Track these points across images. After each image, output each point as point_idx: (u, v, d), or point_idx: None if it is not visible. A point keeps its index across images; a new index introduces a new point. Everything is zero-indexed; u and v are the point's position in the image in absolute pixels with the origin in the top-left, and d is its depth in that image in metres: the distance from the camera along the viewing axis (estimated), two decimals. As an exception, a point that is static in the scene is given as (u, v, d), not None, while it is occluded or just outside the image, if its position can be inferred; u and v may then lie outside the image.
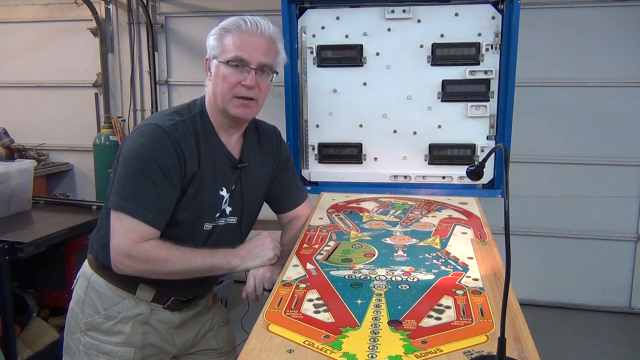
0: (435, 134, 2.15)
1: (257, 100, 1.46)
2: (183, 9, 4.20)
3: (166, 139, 1.37)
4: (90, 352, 1.52)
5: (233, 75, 1.41)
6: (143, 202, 1.35)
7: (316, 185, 2.25)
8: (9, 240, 2.41)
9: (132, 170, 1.37)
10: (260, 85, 1.45)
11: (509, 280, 0.94)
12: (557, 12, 3.64)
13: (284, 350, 0.99)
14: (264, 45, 1.43)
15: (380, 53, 2.12)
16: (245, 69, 1.42)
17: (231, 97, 1.43)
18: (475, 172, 1.45)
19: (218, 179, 1.48)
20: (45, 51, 4.47)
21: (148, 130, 1.39)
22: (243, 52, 1.41)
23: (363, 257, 1.43)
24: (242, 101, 1.44)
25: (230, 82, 1.42)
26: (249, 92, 1.43)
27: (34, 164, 3.14)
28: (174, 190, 1.40)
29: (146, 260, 1.37)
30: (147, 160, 1.36)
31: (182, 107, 1.51)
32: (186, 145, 1.40)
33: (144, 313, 1.52)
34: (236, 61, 1.41)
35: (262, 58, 1.43)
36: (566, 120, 3.73)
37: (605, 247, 3.84)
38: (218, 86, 1.44)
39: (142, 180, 1.36)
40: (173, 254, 1.38)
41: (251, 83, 1.42)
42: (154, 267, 1.38)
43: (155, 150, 1.36)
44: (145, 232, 1.36)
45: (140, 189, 1.36)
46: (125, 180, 1.38)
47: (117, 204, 1.37)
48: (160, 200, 1.38)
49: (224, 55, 1.42)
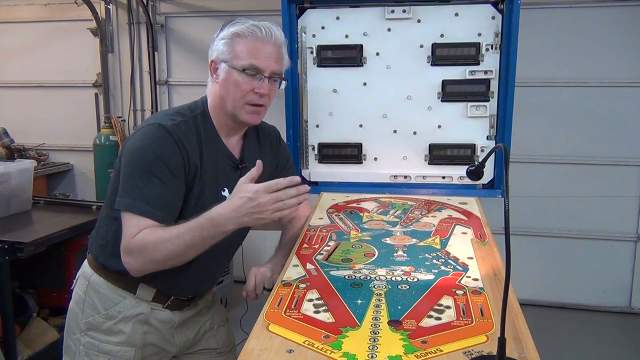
0: (435, 134, 2.15)
1: (265, 107, 1.48)
2: (183, 9, 4.19)
3: (169, 137, 1.37)
4: (90, 352, 1.52)
5: (246, 83, 1.42)
6: (151, 200, 1.35)
7: (316, 185, 2.24)
8: (9, 240, 2.41)
9: (139, 170, 1.37)
10: (270, 93, 1.46)
11: (509, 280, 0.94)
12: (557, 12, 3.64)
13: (284, 350, 0.99)
14: (276, 53, 1.44)
15: (380, 53, 2.12)
16: (259, 77, 1.42)
17: (243, 103, 1.44)
18: (475, 172, 1.45)
19: (220, 180, 1.49)
20: (45, 51, 4.47)
21: (151, 130, 1.39)
22: (258, 61, 1.41)
23: (363, 257, 1.43)
24: (254, 108, 1.45)
25: (243, 89, 1.42)
26: (260, 100, 1.44)
27: (34, 164, 3.14)
28: (181, 187, 1.40)
29: (139, 251, 1.34)
30: (152, 159, 1.36)
31: (183, 108, 1.50)
32: (189, 144, 1.40)
33: (144, 312, 1.52)
34: (251, 69, 1.41)
35: (275, 66, 1.44)
36: (566, 120, 3.73)
37: (605, 247, 3.84)
38: (229, 92, 1.44)
39: (149, 179, 1.35)
40: (159, 234, 1.33)
41: (265, 91, 1.43)
42: (151, 256, 1.34)
43: (160, 149, 1.36)
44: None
45: (148, 188, 1.35)
46: (132, 181, 1.37)
47: (126, 204, 1.36)
48: (168, 197, 1.37)
49: (236, 62, 1.41)
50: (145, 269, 1.38)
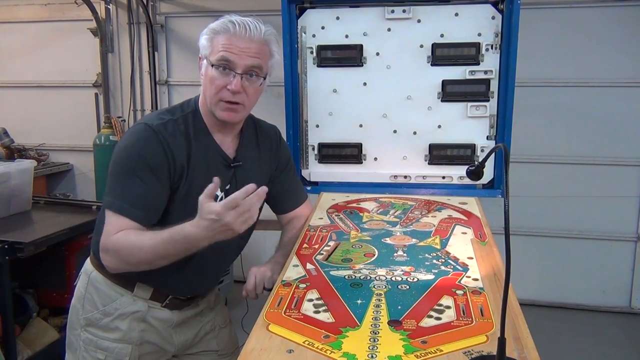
0: (435, 134, 2.15)
1: (243, 105, 1.44)
2: (183, 9, 4.19)
3: (154, 137, 1.38)
4: (89, 347, 1.53)
5: (219, 78, 1.40)
6: (130, 200, 1.36)
7: (316, 185, 2.24)
8: (9, 240, 2.41)
9: (122, 170, 1.39)
10: (247, 90, 1.42)
11: (509, 280, 0.94)
12: (557, 12, 3.64)
13: (284, 350, 1.00)
14: (253, 49, 1.41)
15: (380, 53, 2.12)
16: (231, 74, 1.40)
17: (217, 100, 1.43)
18: (475, 172, 1.45)
19: (211, 178, 1.48)
20: (45, 51, 4.47)
21: (138, 129, 1.41)
22: (229, 55, 1.39)
23: (363, 257, 1.43)
24: (228, 105, 1.43)
25: (216, 85, 1.41)
26: (234, 97, 1.41)
27: (34, 164, 3.13)
28: (163, 188, 1.40)
29: (115, 252, 1.35)
30: (135, 159, 1.37)
31: (175, 107, 1.51)
32: (174, 143, 1.40)
33: (141, 310, 1.52)
34: (221, 64, 1.39)
35: (249, 61, 1.40)
36: (566, 120, 3.73)
37: (605, 247, 3.84)
38: (206, 88, 1.44)
39: (130, 178, 1.37)
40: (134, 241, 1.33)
41: (236, 88, 1.40)
42: (125, 258, 1.35)
43: (143, 148, 1.37)
44: (126, 227, 1.36)
45: (129, 187, 1.37)
46: (116, 180, 1.40)
47: (107, 202, 1.39)
48: (149, 197, 1.38)
49: (212, 57, 1.41)
50: (120, 269, 1.40)
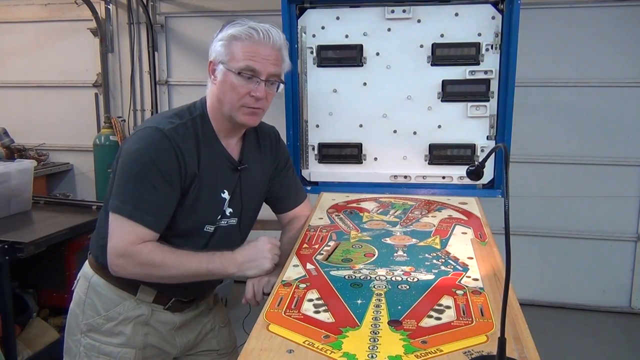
0: (435, 134, 2.15)
1: (263, 109, 1.47)
2: (183, 9, 4.19)
3: (166, 142, 1.37)
4: (90, 353, 1.52)
5: (243, 85, 1.41)
6: (142, 206, 1.35)
7: (316, 185, 2.24)
8: (9, 240, 2.41)
9: (132, 174, 1.37)
10: (268, 96, 1.45)
11: (509, 280, 0.94)
12: (557, 12, 3.64)
13: (284, 350, 0.99)
14: (274, 56, 1.43)
15: (380, 53, 2.12)
16: (255, 80, 1.41)
17: (240, 106, 1.43)
18: (475, 172, 1.45)
19: (219, 182, 1.48)
20: (45, 51, 4.47)
21: (148, 133, 1.39)
22: (254, 63, 1.39)
23: (363, 257, 1.43)
24: (251, 110, 1.44)
25: (239, 92, 1.41)
26: (257, 103, 1.43)
27: (34, 164, 3.14)
28: (174, 194, 1.40)
29: (140, 263, 1.36)
30: (147, 163, 1.36)
31: (182, 110, 1.50)
32: (186, 149, 1.40)
33: (145, 314, 1.52)
34: (247, 72, 1.40)
35: (272, 69, 1.42)
36: (566, 120, 3.73)
37: (605, 247, 3.84)
38: (226, 94, 1.43)
39: (142, 183, 1.36)
40: (168, 258, 1.37)
41: (262, 95, 1.42)
42: (148, 271, 1.38)
43: (155, 153, 1.36)
44: (143, 235, 1.36)
45: (139, 192, 1.36)
46: (125, 184, 1.38)
47: (116, 207, 1.37)
48: (160, 203, 1.38)
49: (233, 64, 1.40)
50: (131, 276, 1.40)
